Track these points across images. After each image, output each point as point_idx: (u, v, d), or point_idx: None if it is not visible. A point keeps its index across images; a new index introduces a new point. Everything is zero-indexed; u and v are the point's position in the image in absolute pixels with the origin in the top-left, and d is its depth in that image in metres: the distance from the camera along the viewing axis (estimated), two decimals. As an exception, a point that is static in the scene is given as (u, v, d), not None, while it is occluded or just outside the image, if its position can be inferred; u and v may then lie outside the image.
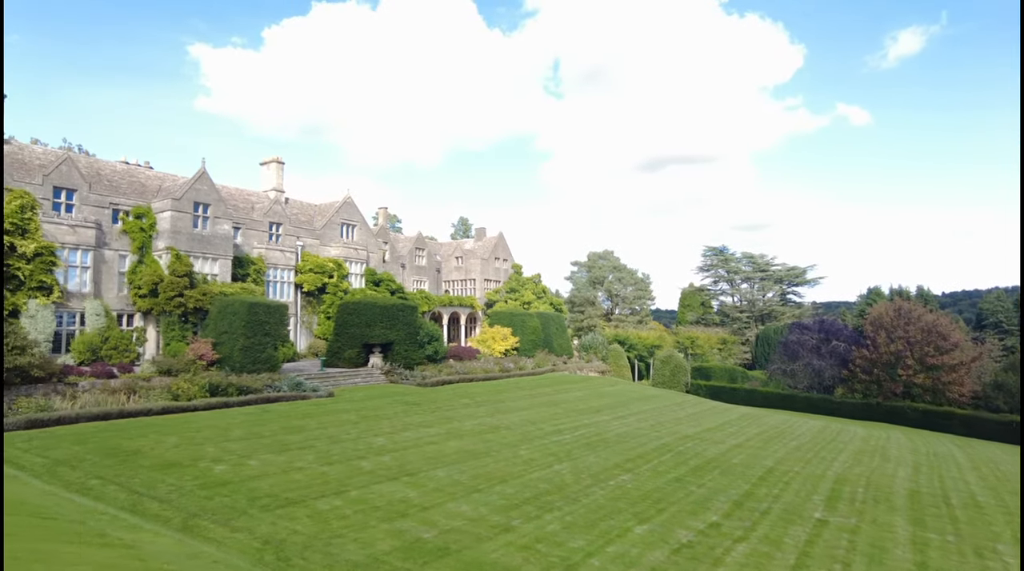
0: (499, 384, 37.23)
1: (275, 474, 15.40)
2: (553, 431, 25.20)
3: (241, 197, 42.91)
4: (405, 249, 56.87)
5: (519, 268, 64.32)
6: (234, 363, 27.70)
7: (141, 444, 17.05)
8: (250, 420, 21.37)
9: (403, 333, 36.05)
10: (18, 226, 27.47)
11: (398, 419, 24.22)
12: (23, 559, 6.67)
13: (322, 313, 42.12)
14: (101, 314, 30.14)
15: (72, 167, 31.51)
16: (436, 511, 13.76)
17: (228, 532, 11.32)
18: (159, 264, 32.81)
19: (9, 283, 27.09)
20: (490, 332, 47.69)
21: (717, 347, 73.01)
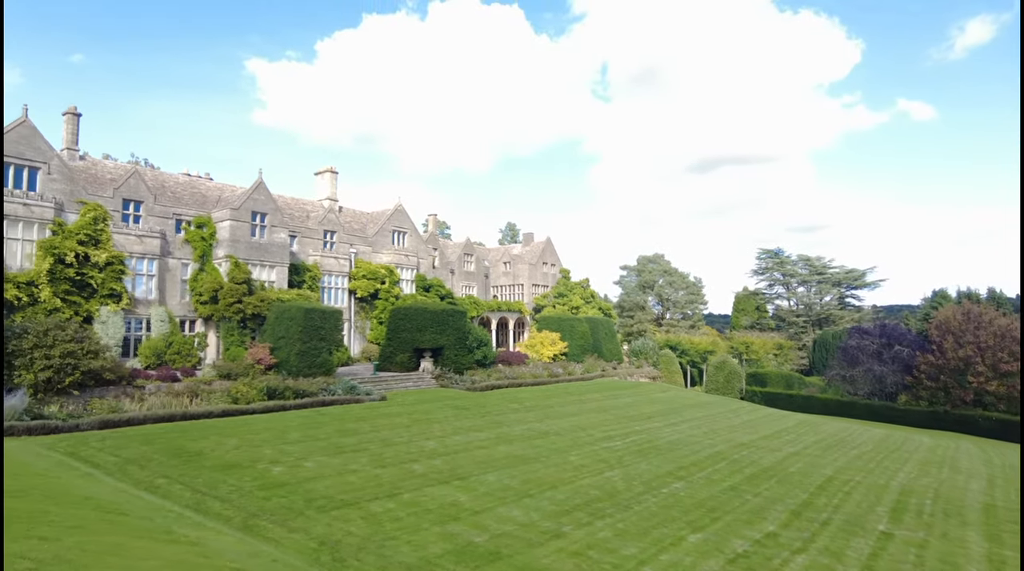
0: (548, 389, 37.15)
1: (330, 476, 15.75)
2: (603, 437, 24.98)
3: (297, 206, 44.17)
4: (454, 255, 57.44)
5: (567, 273, 64.10)
6: (290, 367, 28.49)
7: (203, 445, 17.69)
8: (306, 423, 21.92)
9: (453, 338, 36.39)
10: (91, 237, 29.01)
11: (448, 423, 24.43)
12: (98, 552, 7.02)
13: (374, 318, 42.91)
14: (165, 320, 31.48)
15: (139, 180, 33.06)
16: (487, 515, 13.81)
17: (286, 532, 11.63)
18: (219, 272, 34.06)
19: (83, 291, 28.59)
20: (538, 337, 47.66)
21: (772, 352, 71.03)
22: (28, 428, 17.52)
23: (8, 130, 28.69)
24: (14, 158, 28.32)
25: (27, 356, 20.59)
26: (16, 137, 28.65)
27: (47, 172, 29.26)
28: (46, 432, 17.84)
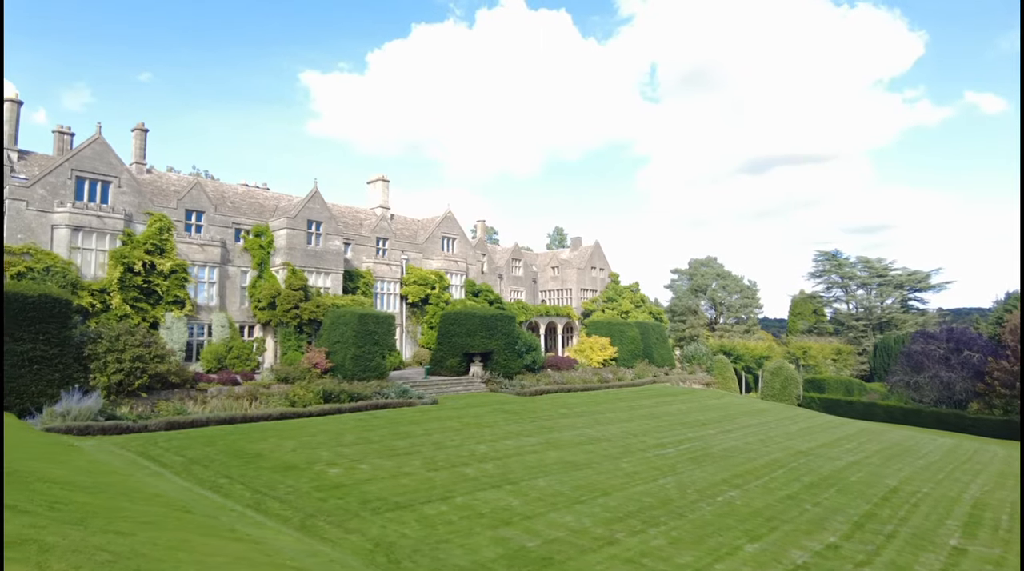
0: (598, 395, 36.86)
1: (385, 478, 16.01)
2: (656, 444, 24.63)
3: (350, 214, 45.21)
4: (502, 260, 57.71)
5: (616, 277, 63.56)
6: (345, 371, 29.13)
7: (262, 447, 18.25)
8: (361, 425, 22.37)
9: (502, 343, 36.53)
10: (157, 246, 30.38)
11: (499, 427, 24.53)
12: (169, 547, 7.33)
13: (425, 323, 43.49)
14: (226, 326, 32.65)
15: (201, 191, 34.44)
16: (539, 520, 13.80)
17: (342, 533, 11.88)
18: (276, 279, 35.14)
19: (150, 298, 29.95)
20: (587, 342, 47.37)
21: (831, 358, 68.68)
22: (103, 428, 18.45)
23: (83, 147, 30.35)
24: (89, 173, 29.93)
25: (101, 360, 21.68)
26: (90, 153, 30.28)
27: (118, 185, 30.80)
28: (118, 432, 18.74)
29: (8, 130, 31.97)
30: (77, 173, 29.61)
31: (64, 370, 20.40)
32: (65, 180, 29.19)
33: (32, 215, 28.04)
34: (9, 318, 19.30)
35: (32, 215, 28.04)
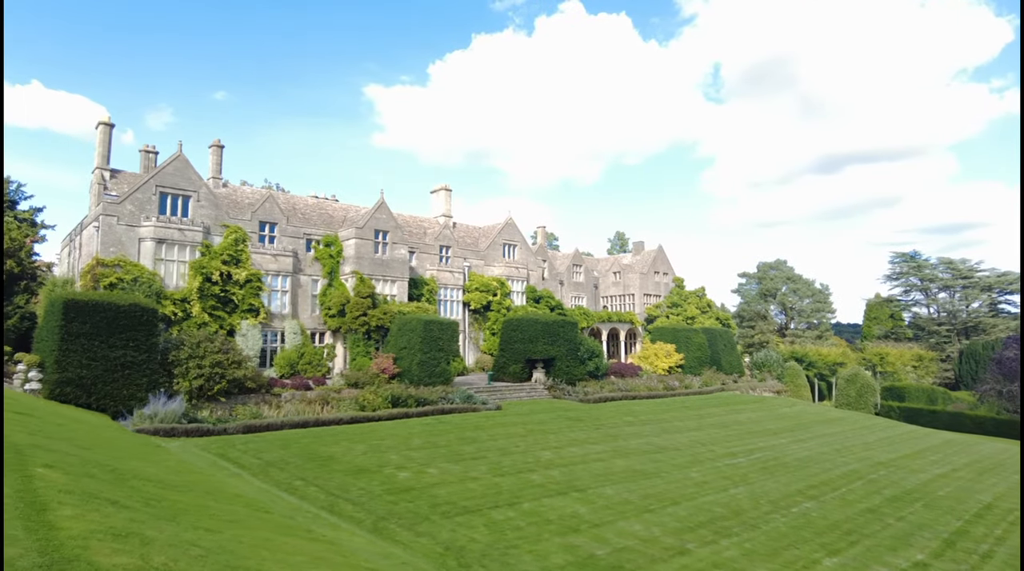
0: (664, 403, 36.19)
1: (452, 483, 16.19)
2: (726, 453, 23.96)
3: (414, 223, 46.13)
4: (563, 266, 57.56)
5: (681, 281, 62.35)
6: (412, 376, 29.67)
7: (335, 450, 18.78)
8: (427, 430, 22.71)
9: (564, 349, 36.39)
10: (233, 257, 31.81)
11: (563, 434, 24.41)
12: (252, 545, 7.62)
13: (487, 329, 43.82)
14: (298, 333, 33.82)
15: (273, 204, 35.87)
16: (607, 528, 13.64)
17: (413, 536, 12.07)
18: (345, 287, 36.18)
19: (227, 306, 31.36)
20: (652, 348, 46.60)
21: (911, 364, 65.13)
22: (186, 430, 19.41)
23: (165, 164, 32.17)
24: (171, 189, 31.68)
25: (183, 365, 22.84)
26: (172, 170, 32.05)
27: (197, 199, 32.46)
28: (200, 434, 19.67)
29: (101, 151, 34.21)
30: (161, 189, 31.38)
31: (151, 375, 21.60)
32: (150, 196, 30.98)
33: (122, 229, 29.87)
34: (103, 326, 20.60)
35: (122, 229, 29.87)
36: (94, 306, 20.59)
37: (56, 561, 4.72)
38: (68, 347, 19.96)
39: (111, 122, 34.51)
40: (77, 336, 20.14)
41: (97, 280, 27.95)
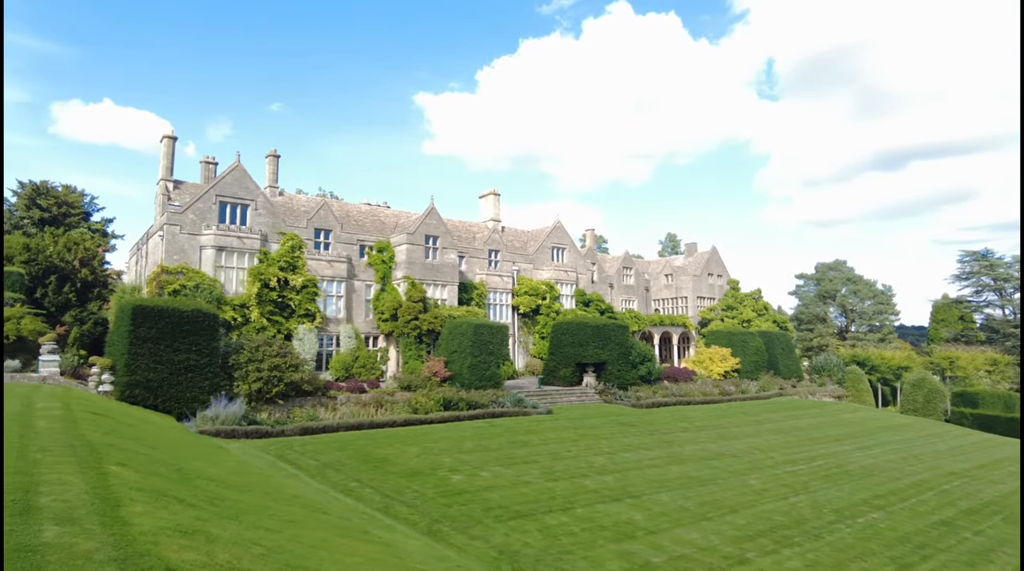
0: (719, 408, 35.34)
1: (505, 486, 16.15)
2: (785, 460, 23.20)
3: (464, 228, 46.49)
4: (612, 269, 56.98)
5: (735, 283, 60.90)
6: (463, 380, 29.85)
7: (389, 452, 19.00)
8: (479, 433, 22.76)
9: (615, 353, 35.98)
10: (290, 263, 32.68)
11: (615, 439, 24.10)
12: (310, 545, 7.74)
13: (536, 333, 43.74)
14: (352, 336, 34.47)
15: (328, 211, 36.72)
16: (663, 536, 13.35)
17: (467, 539, 12.07)
18: (398, 291, 36.72)
19: (284, 311, 32.23)
20: (707, 352, 45.60)
21: (984, 369, 61.77)
22: (246, 432, 19.98)
23: (225, 175, 33.33)
24: (230, 198, 32.80)
25: (243, 369, 23.54)
26: (231, 180, 33.18)
27: (255, 208, 33.51)
28: (259, 436, 20.22)
29: (165, 163, 35.74)
30: (220, 198, 32.52)
31: (213, 378, 22.34)
32: (211, 205, 32.14)
33: (185, 238, 31.08)
34: (167, 331, 21.44)
35: (185, 238, 31.08)
36: (159, 312, 21.45)
37: (129, 555, 4.88)
38: (136, 351, 20.84)
39: (174, 135, 36.01)
40: (144, 340, 21.01)
41: (162, 287, 29.14)
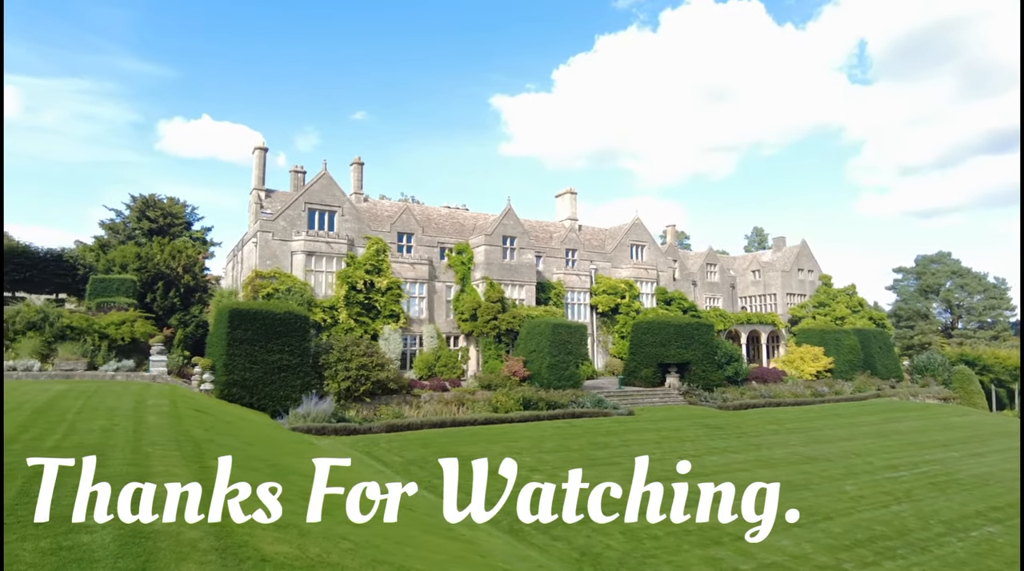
0: (811, 410, 33.71)
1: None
2: (885, 466, 21.82)
3: (540, 228, 46.57)
4: (695, 266, 55.48)
5: (828, 279, 57.93)
6: (542, 379, 29.89)
7: (471, 450, 19.26)
8: (559, 433, 22.71)
9: (699, 353, 35.01)
10: (375, 266, 33.78)
11: (700, 442, 23.44)
12: (397, 541, 7.95)
13: (616, 333, 43.20)
14: (434, 336, 35.24)
15: (410, 215, 37.70)
16: (752, 543, 12.84)
17: (548, 540, 12.06)
18: (476, 292, 37.24)
19: (370, 312, 33.35)
20: (797, 352, 43.62)
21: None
22: (335, 429, 20.82)
23: (313, 183, 34.86)
24: (318, 205, 34.28)
25: (332, 368, 24.52)
26: (319, 188, 34.67)
27: (341, 214, 34.86)
28: (347, 433, 21.01)
29: (257, 173, 37.76)
30: (309, 205, 34.04)
31: (304, 377, 23.40)
32: (300, 212, 33.70)
33: (276, 244, 32.73)
34: (262, 332, 22.64)
35: (276, 244, 32.73)
36: (254, 315, 22.67)
37: (228, 546, 5.17)
38: (234, 352, 22.12)
39: (265, 147, 37.99)
40: (241, 342, 22.27)
41: (256, 291, 30.80)
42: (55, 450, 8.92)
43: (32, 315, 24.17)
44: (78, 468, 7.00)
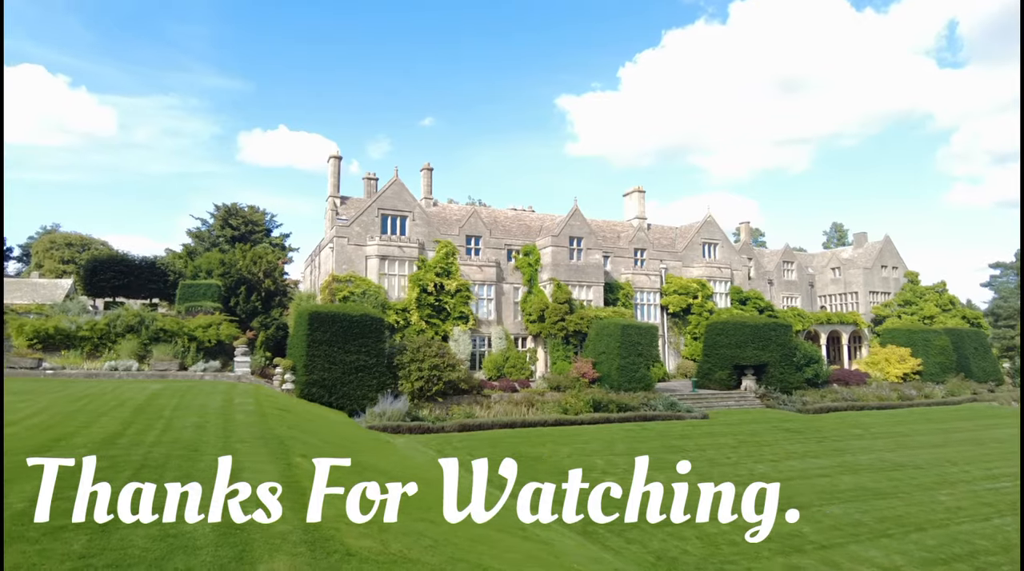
0: (898, 414, 31.97)
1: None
2: (984, 476, 20.42)
3: (608, 228, 46.14)
4: (771, 264, 53.59)
5: (914, 276, 54.77)
6: (612, 381, 29.61)
7: (541, 451, 19.32)
8: (630, 436, 22.44)
9: (777, 354, 33.81)
10: (445, 269, 34.37)
11: (779, 446, 22.64)
12: (470, 539, 8.07)
13: (688, 334, 42.27)
14: (503, 338, 35.51)
15: (477, 218, 38.15)
16: (837, 552, 12.32)
17: (623, 543, 11.95)
18: (544, 293, 37.26)
19: (440, 314, 33.95)
20: (882, 353, 41.45)
21: None
22: (409, 428, 21.32)
23: (385, 189, 35.82)
24: (390, 210, 35.20)
25: (406, 369, 25.12)
26: (390, 194, 35.60)
27: (412, 219, 35.67)
28: (421, 432, 21.47)
29: (332, 181, 39.13)
30: (382, 211, 35.00)
31: (380, 377, 24.08)
32: (373, 218, 34.69)
33: (352, 249, 33.82)
34: (339, 334, 23.44)
35: (352, 249, 33.82)
36: (332, 317, 23.51)
37: (316, 539, 5.41)
38: (313, 353, 23.01)
39: (339, 155, 39.32)
40: (320, 343, 23.14)
41: (333, 294, 31.91)
42: (156, 445, 9.54)
43: (130, 319, 25.91)
44: (181, 463, 7.47)
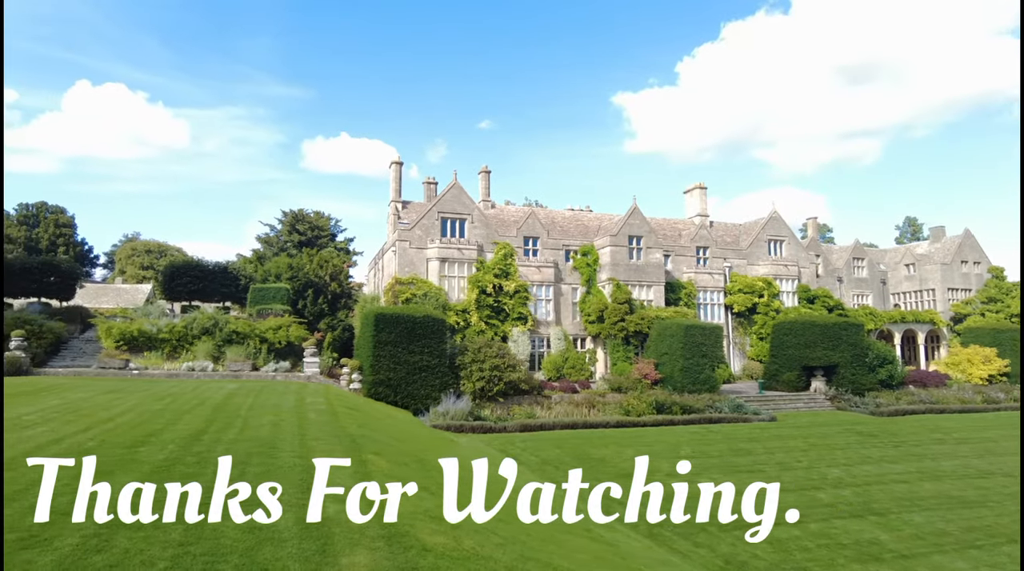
0: (983, 418, 30.22)
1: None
2: (1082, 483, 19.08)
3: (668, 226, 45.41)
4: (840, 261, 51.55)
5: (998, 271, 51.62)
6: (675, 383, 29.13)
7: (604, 453, 19.21)
8: (695, 439, 22.04)
9: (848, 355, 32.52)
10: (503, 270, 34.60)
11: (852, 450, 21.79)
12: (539, 538, 8.13)
13: (754, 334, 41.14)
14: (561, 338, 35.46)
15: (534, 220, 38.23)
16: (920, 562, 11.78)
17: (691, 546, 11.77)
18: (603, 293, 36.99)
19: (499, 315, 34.19)
20: (963, 353, 39.26)
21: None
22: (472, 427, 21.58)
23: (444, 193, 36.37)
24: (449, 213, 35.71)
25: (467, 369, 25.43)
26: (450, 197, 36.11)
27: (471, 221, 36.07)
28: (483, 431, 21.70)
29: (394, 186, 39.98)
30: (441, 214, 35.54)
31: (442, 377, 24.47)
32: (433, 221, 35.27)
33: (413, 252, 34.47)
34: (403, 335, 23.95)
35: (413, 252, 34.47)
36: (397, 319, 24.05)
37: (393, 534, 5.58)
38: (379, 353, 23.59)
39: (400, 161, 40.13)
40: (385, 344, 23.70)
41: (396, 296, 32.61)
42: (236, 442, 10.01)
43: (205, 322, 27.19)
44: (262, 460, 7.81)
